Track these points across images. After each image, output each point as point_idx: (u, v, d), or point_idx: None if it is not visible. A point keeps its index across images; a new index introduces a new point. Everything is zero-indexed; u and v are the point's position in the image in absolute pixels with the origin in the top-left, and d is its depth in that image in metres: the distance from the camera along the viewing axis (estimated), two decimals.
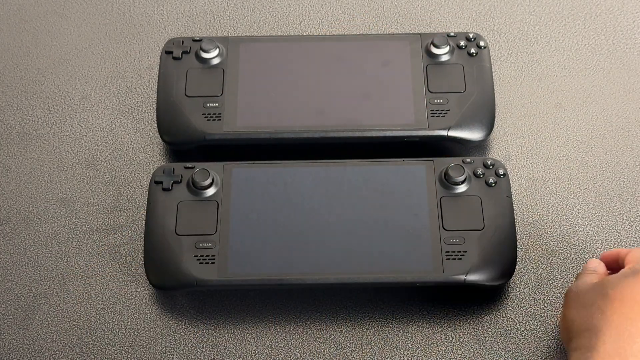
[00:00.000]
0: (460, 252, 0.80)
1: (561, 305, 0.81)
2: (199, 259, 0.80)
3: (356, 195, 0.84)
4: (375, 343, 0.80)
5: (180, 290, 0.82)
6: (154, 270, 0.81)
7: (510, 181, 0.89)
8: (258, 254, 0.81)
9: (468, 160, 0.85)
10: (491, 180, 0.84)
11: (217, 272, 0.80)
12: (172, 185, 0.84)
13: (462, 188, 0.84)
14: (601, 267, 0.78)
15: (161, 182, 0.85)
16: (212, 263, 0.80)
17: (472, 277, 0.79)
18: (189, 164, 0.85)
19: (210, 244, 0.81)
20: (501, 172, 0.85)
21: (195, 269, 0.80)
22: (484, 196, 0.83)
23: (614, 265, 0.78)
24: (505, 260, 0.81)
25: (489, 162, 0.85)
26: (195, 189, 0.84)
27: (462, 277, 0.79)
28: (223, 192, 0.84)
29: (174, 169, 0.85)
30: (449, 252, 0.80)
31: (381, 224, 0.82)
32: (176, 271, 0.80)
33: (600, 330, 0.70)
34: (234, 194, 0.84)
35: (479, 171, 0.84)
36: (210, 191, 0.84)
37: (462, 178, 0.83)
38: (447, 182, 0.84)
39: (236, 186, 0.84)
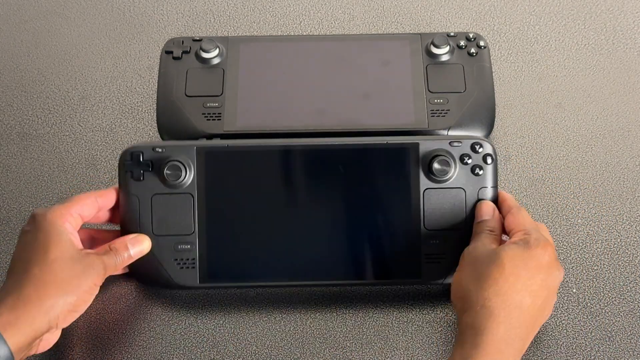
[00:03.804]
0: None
1: (561, 306, 0.82)
2: (179, 263, 0.80)
3: (339, 186, 0.81)
4: (375, 343, 0.80)
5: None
6: (138, 270, 0.81)
7: (510, 181, 0.89)
8: (237, 259, 0.81)
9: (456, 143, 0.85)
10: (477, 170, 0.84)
11: (198, 278, 0.80)
12: (143, 175, 0.80)
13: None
14: (498, 226, 0.79)
15: (131, 171, 0.80)
16: (192, 268, 0.80)
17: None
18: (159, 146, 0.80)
19: (188, 246, 0.80)
20: (491, 156, 0.82)
21: (175, 273, 0.80)
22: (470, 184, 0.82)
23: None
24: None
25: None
26: (169, 183, 0.80)
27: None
28: (197, 183, 0.80)
29: (142, 152, 0.80)
30: None
31: (363, 219, 0.81)
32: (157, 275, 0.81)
33: (494, 311, 0.71)
34: (209, 183, 0.80)
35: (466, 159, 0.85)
36: (185, 183, 0.80)
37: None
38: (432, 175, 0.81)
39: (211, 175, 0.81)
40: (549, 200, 0.88)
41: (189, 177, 0.80)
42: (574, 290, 0.83)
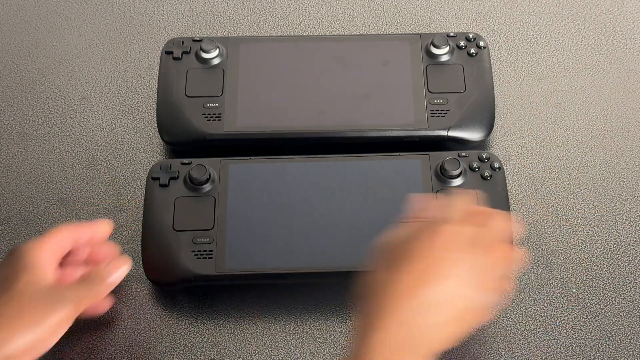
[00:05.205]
0: None
1: (561, 306, 0.82)
2: (197, 254, 0.81)
3: (352, 190, 0.84)
4: None
5: (178, 286, 0.82)
6: (152, 266, 0.81)
7: (510, 181, 0.89)
8: (255, 248, 0.81)
9: (463, 154, 0.86)
10: (487, 174, 0.84)
11: (215, 266, 0.80)
12: (169, 181, 0.85)
13: (457, 182, 0.84)
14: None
15: (158, 178, 0.85)
16: (209, 258, 0.80)
17: None
18: (186, 160, 0.86)
19: (207, 239, 0.81)
20: (496, 165, 0.85)
21: (193, 264, 0.80)
22: (480, 188, 0.84)
23: None
24: None
25: (484, 156, 0.85)
26: (192, 184, 0.84)
27: None
28: (220, 187, 0.84)
29: (170, 165, 0.86)
30: None
31: (376, 217, 0.82)
32: (174, 267, 0.80)
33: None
34: (231, 189, 0.84)
35: (475, 165, 0.85)
36: (207, 187, 0.84)
37: (457, 172, 0.84)
38: (442, 175, 0.84)
39: (233, 182, 0.85)
40: (549, 200, 0.88)
41: (212, 181, 0.84)
42: (574, 290, 0.83)
